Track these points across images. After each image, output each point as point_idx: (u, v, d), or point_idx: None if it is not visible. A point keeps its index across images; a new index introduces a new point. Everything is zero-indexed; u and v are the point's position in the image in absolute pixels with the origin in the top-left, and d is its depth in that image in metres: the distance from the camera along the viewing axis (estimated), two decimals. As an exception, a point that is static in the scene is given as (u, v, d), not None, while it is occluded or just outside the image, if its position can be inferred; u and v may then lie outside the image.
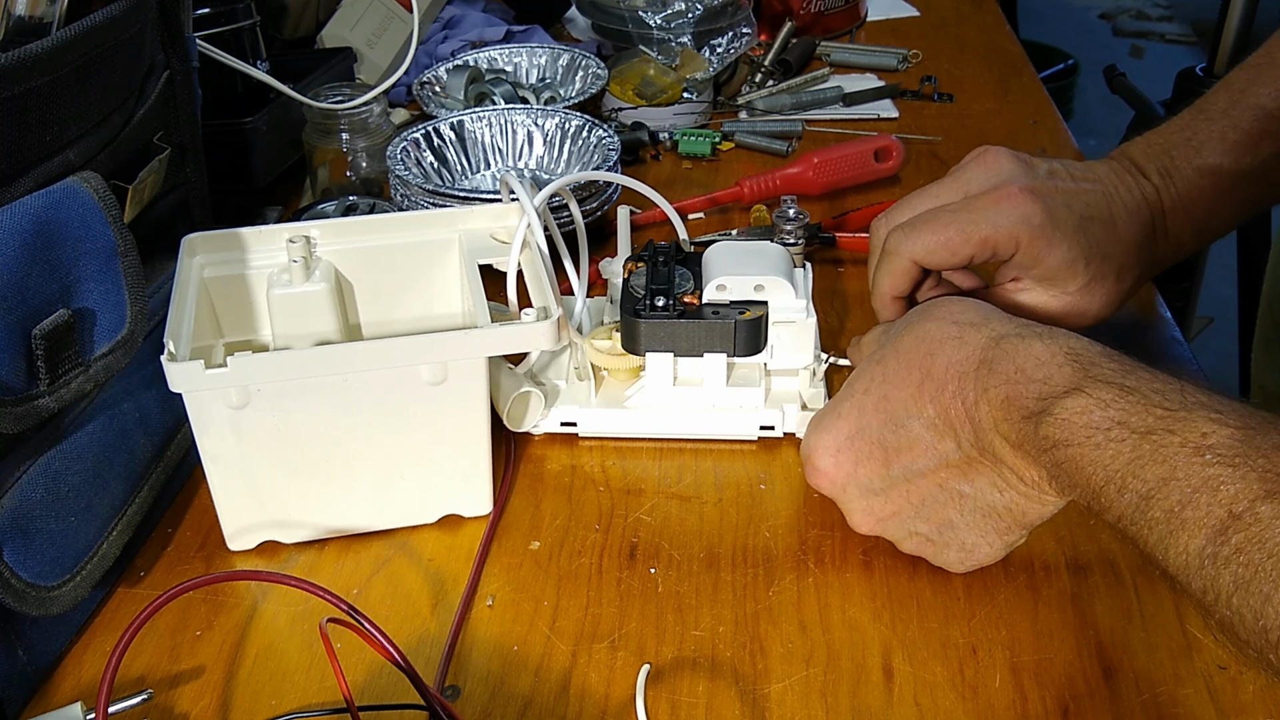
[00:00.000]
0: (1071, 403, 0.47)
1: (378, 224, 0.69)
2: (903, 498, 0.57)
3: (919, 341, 0.56)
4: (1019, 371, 0.50)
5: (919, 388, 0.55)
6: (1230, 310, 1.58)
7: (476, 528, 0.64)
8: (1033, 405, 0.49)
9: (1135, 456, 0.44)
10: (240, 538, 0.63)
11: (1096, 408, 0.46)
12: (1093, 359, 0.49)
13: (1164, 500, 0.42)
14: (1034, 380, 0.49)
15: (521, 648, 0.57)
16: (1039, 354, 0.50)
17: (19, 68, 0.50)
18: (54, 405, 0.53)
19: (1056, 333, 0.51)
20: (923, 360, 0.55)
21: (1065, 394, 0.47)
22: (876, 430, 0.57)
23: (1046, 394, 0.48)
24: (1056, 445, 0.47)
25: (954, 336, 0.54)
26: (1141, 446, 0.44)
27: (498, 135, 0.96)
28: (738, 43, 1.15)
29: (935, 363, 0.54)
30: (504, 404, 0.68)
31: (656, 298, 0.66)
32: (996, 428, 0.51)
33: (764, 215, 0.95)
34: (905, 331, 0.57)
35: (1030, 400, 0.49)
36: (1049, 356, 0.50)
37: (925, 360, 0.55)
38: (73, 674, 0.56)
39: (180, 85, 0.70)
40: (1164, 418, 0.44)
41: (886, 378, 0.57)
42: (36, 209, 0.51)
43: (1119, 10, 4.18)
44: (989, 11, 1.46)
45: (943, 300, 0.58)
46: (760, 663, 0.55)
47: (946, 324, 0.55)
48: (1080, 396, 0.47)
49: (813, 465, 0.60)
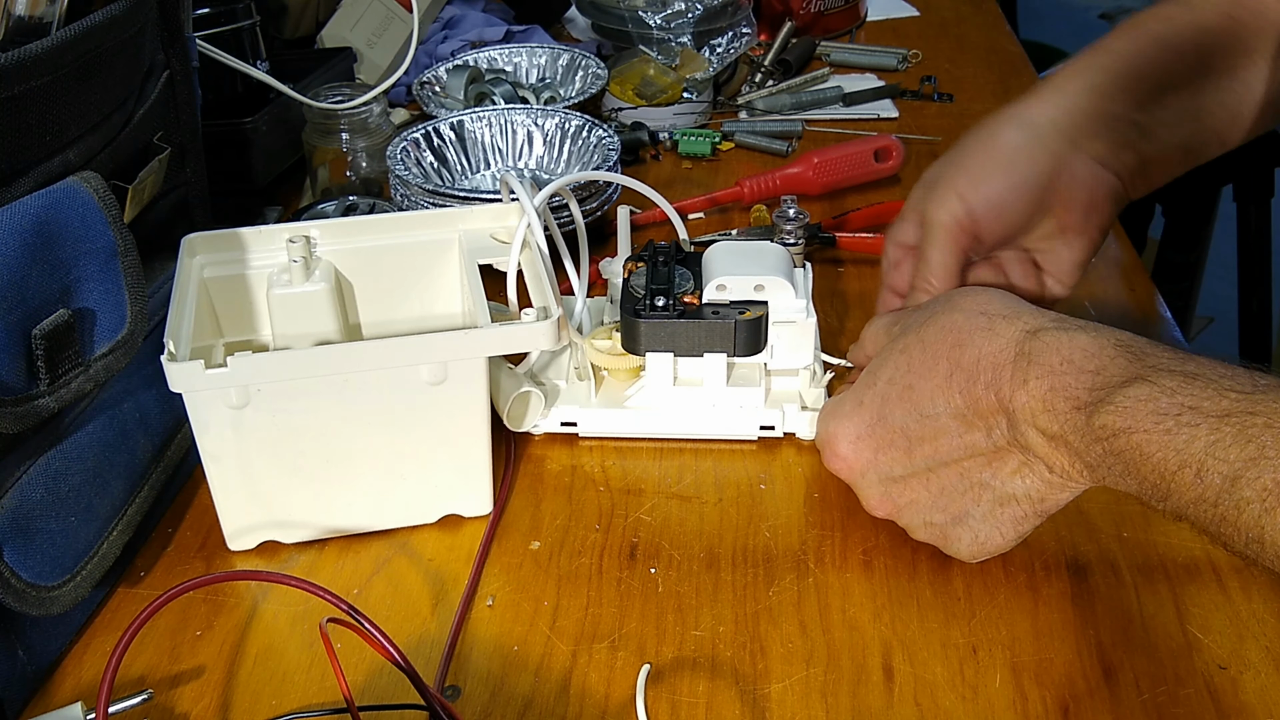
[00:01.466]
0: (1134, 391, 0.47)
1: (377, 224, 0.69)
2: (922, 486, 0.57)
3: (945, 332, 0.56)
4: (1066, 363, 0.50)
5: (947, 379, 0.55)
6: (1230, 310, 1.58)
7: (476, 528, 0.64)
8: (1085, 396, 0.49)
9: (1215, 440, 0.44)
10: (240, 538, 0.63)
11: (1162, 395, 0.46)
12: (1144, 349, 0.49)
13: (1256, 480, 0.42)
14: (1085, 371, 0.49)
15: (522, 648, 0.57)
16: (1085, 345, 0.50)
17: (19, 68, 0.50)
18: (54, 405, 0.53)
19: (1099, 326, 0.51)
20: (950, 351, 0.55)
21: (1125, 383, 0.47)
22: (900, 419, 0.57)
23: (1101, 384, 0.48)
24: (1117, 434, 0.47)
25: (984, 328, 0.54)
26: (1221, 429, 0.44)
27: (498, 135, 0.96)
28: (738, 43, 1.15)
29: (965, 354, 0.54)
30: (504, 404, 0.68)
31: (657, 297, 0.66)
32: (1034, 420, 0.51)
33: (764, 215, 0.95)
34: (929, 321, 0.57)
35: (1082, 391, 0.49)
36: (1098, 348, 0.50)
37: (954, 351, 0.55)
38: (73, 674, 0.56)
39: (180, 85, 0.70)
40: (1240, 400, 0.44)
41: (911, 368, 0.57)
42: (37, 209, 0.51)
43: (1119, 10, 4.18)
44: (989, 11, 1.46)
45: (966, 290, 0.58)
46: (760, 663, 0.55)
47: (974, 315, 0.55)
48: (1143, 385, 0.47)
49: (832, 450, 0.60)
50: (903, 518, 0.59)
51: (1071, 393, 0.49)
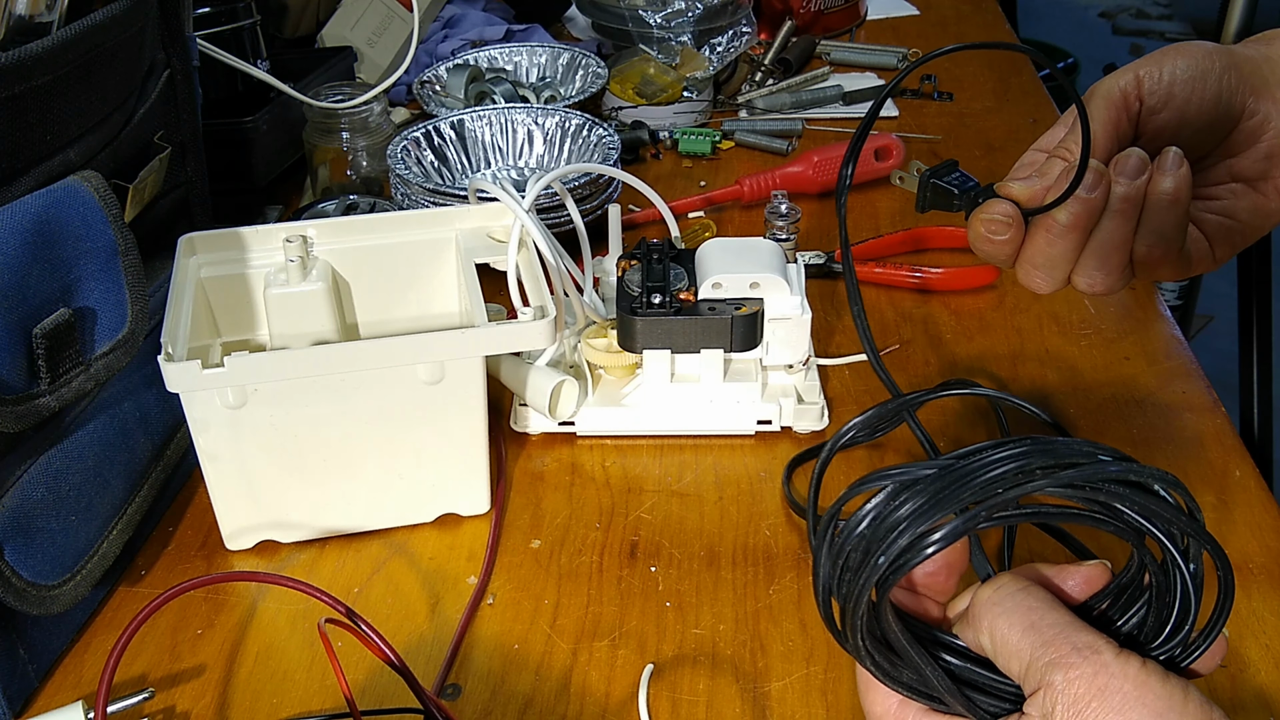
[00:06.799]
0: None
1: (374, 223, 0.69)
2: None
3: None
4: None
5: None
6: (1230, 308, 1.58)
7: (475, 527, 0.64)
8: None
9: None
10: (238, 537, 0.63)
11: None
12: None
13: None
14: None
15: (522, 646, 0.57)
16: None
17: (19, 67, 0.50)
18: (55, 404, 0.53)
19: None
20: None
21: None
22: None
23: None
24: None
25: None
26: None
27: (498, 134, 0.96)
28: (738, 41, 1.15)
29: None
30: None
31: (652, 295, 0.66)
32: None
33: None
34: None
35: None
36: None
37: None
38: (74, 673, 0.56)
39: (181, 85, 0.70)
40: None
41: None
42: (37, 208, 0.51)
43: (1119, 9, 4.18)
44: (989, 10, 1.46)
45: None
46: (761, 660, 0.56)
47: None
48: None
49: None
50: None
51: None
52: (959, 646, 0.42)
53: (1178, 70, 0.55)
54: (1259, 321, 1.51)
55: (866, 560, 0.39)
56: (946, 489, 0.38)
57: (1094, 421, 0.71)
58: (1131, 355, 0.77)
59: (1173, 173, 0.52)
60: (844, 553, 0.40)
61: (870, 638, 0.41)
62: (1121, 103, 0.55)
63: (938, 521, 0.38)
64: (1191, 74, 0.55)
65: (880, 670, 0.42)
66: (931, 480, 0.38)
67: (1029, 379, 0.75)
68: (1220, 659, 0.41)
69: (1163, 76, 0.55)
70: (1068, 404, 0.73)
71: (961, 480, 0.38)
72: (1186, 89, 0.55)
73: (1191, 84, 0.55)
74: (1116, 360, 0.77)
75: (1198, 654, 0.39)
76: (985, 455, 0.39)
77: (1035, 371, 0.76)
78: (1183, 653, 0.39)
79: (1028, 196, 0.53)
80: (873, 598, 0.39)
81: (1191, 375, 0.75)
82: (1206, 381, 0.74)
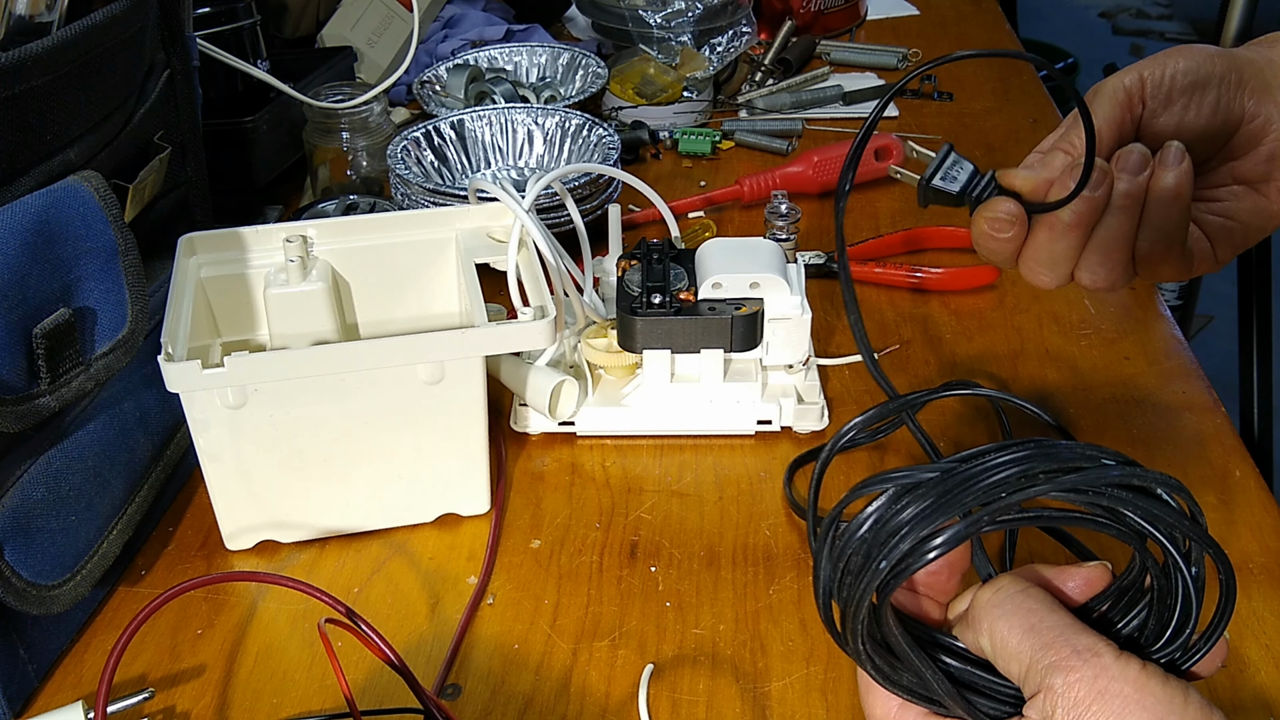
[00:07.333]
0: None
1: (374, 223, 0.69)
2: None
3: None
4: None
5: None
6: (1230, 309, 1.58)
7: (474, 527, 0.64)
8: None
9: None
10: (238, 537, 0.63)
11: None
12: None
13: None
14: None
15: (522, 646, 0.57)
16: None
17: (19, 67, 0.50)
18: (55, 404, 0.53)
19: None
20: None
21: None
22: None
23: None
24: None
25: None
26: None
27: (498, 134, 0.96)
28: (738, 41, 1.15)
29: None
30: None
31: (652, 295, 0.66)
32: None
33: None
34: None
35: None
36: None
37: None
38: (74, 673, 0.56)
39: (181, 85, 0.70)
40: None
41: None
42: (37, 208, 0.51)
43: (1119, 9, 4.18)
44: (989, 10, 1.46)
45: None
46: (761, 661, 0.56)
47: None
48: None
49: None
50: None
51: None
52: (959, 649, 0.42)
53: (1180, 72, 0.55)
54: (1259, 322, 1.52)
55: (868, 564, 0.38)
56: (949, 493, 0.38)
57: (1094, 422, 0.71)
58: (1132, 355, 0.77)
59: (1174, 168, 0.52)
60: (845, 556, 0.39)
61: (870, 641, 0.40)
62: (1125, 101, 0.55)
63: (940, 526, 0.37)
64: (1193, 76, 0.55)
65: (880, 674, 0.42)
66: (934, 484, 0.38)
67: (1029, 379, 0.75)
68: (1221, 662, 0.40)
69: (1165, 77, 0.55)
70: (1068, 404, 0.73)
71: (964, 484, 0.38)
72: (1188, 91, 0.55)
73: (1193, 86, 0.55)
74: (1117, 360, 0.77)
75: (1198, 657, 0.39)
76: (988, 459, 0.38)
77: (1035, 371, 0.76)
78: (1183, 656, 0.39)
79: (1030, 187, 0.53)
80: (873, 601, 0.39)
81: (1191, 375, 0.75)
82: (1206, 381, 0.74)
